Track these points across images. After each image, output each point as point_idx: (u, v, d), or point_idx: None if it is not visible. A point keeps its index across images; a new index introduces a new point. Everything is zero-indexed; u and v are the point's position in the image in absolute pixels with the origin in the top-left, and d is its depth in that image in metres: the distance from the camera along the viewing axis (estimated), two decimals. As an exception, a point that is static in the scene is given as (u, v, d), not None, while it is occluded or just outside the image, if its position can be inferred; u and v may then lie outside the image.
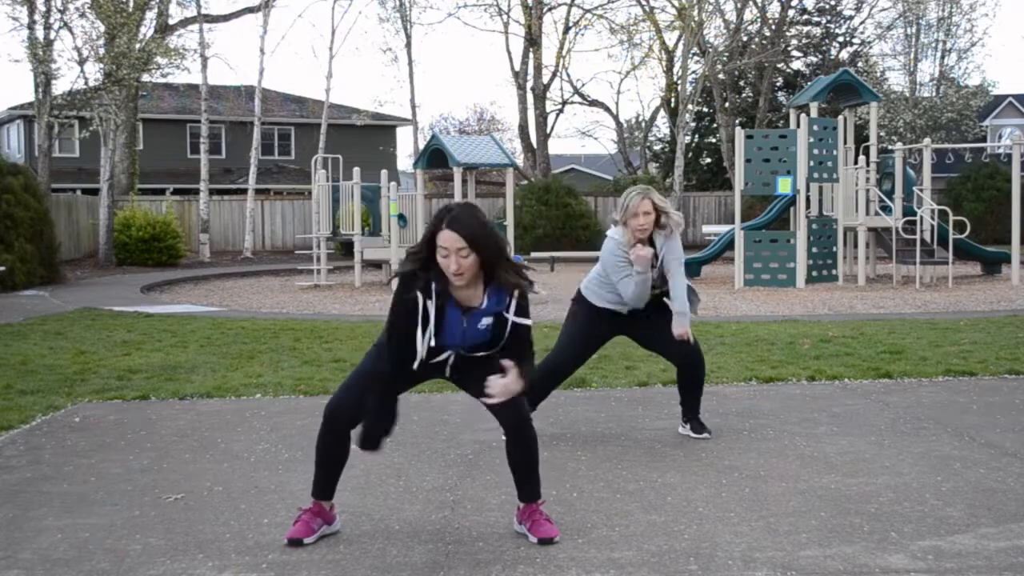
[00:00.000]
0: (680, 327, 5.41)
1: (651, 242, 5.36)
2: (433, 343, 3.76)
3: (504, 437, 3.95)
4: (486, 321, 3.76)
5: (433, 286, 3.67)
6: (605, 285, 5.47)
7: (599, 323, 5.55)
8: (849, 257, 18.14)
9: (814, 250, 16.68)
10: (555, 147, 47.45)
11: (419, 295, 3.67)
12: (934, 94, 37.60)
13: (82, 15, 21.78)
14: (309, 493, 3.99)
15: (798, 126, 16.57)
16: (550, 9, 33.81)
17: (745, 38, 34.71)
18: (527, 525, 3.88)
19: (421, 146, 31.88)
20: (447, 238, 3.55)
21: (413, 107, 33.43)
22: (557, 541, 3.81)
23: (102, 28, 21.66)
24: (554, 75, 34.87)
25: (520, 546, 3.80)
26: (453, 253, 3.56)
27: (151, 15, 25.20)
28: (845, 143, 17.86)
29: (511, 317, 3.75)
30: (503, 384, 3.70)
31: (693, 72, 33.33)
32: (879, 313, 12.30)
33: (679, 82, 32.73)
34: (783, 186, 16.51)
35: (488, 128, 50.48)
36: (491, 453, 5.14)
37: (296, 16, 72.09)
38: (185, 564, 3.66)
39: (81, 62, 21.90)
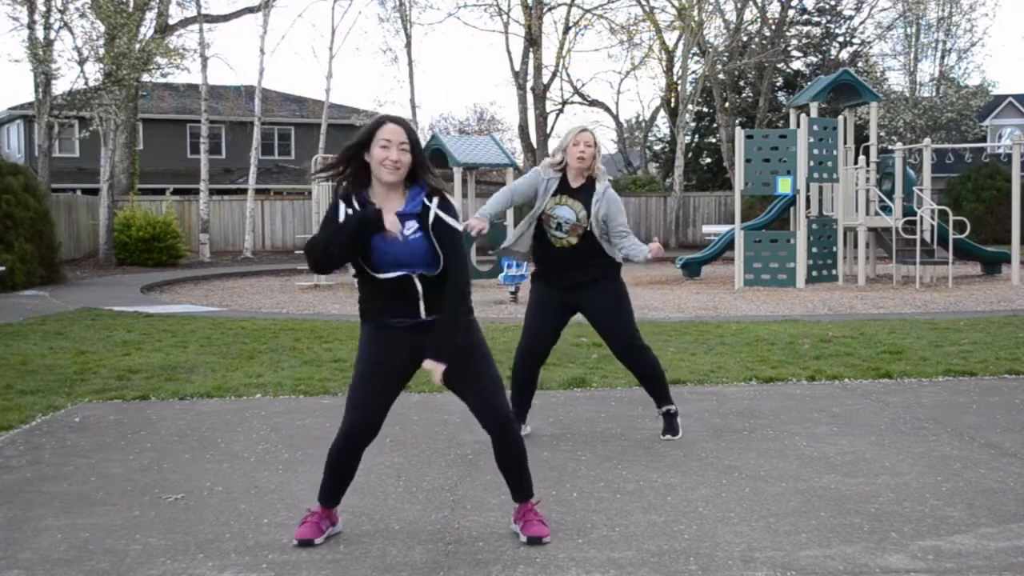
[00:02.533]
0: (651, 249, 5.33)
1: (591, 184, 5.32)
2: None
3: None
4: (411, 225, 3.72)
5: (354, 197, 3.76)
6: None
7: (546, 293, 5.47)
8: (849, 257, 18.14)
9: (814, 250, 16.68)
10: (554, 147, 47.39)
11: (340, 203, 3.76)
12: (934, 94, 37.59)
13: (82, 15, 21.80)
14: (308, 493, 3.99)
15: (798, 126, 16.57)
16: (550, 9, 33.82)
17: (745, 38, 34.71)
18: (520, 525, 3.89)
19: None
20: (392, 131, 3.70)
21: (413, 107, 33.44)
22: (547, 541, 3.81)
23: (102, 28, 21.67)
24: (554, 75, 34.89)
25: (520, 546, 3.80)
26: (395, 146, 3.68)
27: (151, 15, 25.21)
28: (845, 143, 17.86)
29: (435, 210, 3.74)
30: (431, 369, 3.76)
31: (693, 72, 33.33)
32: (879, 313, 12.30)
33: (679, 82, 32.74)
34: (783, 186, 16.51)
35: (488, 128, 50.45)
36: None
37: (296, 16, 72.06)
38: (185, 564, 3.66)
39: (81, 62, 21.92)
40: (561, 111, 37.48)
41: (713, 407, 6.36)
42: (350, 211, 3.73)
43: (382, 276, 3.73)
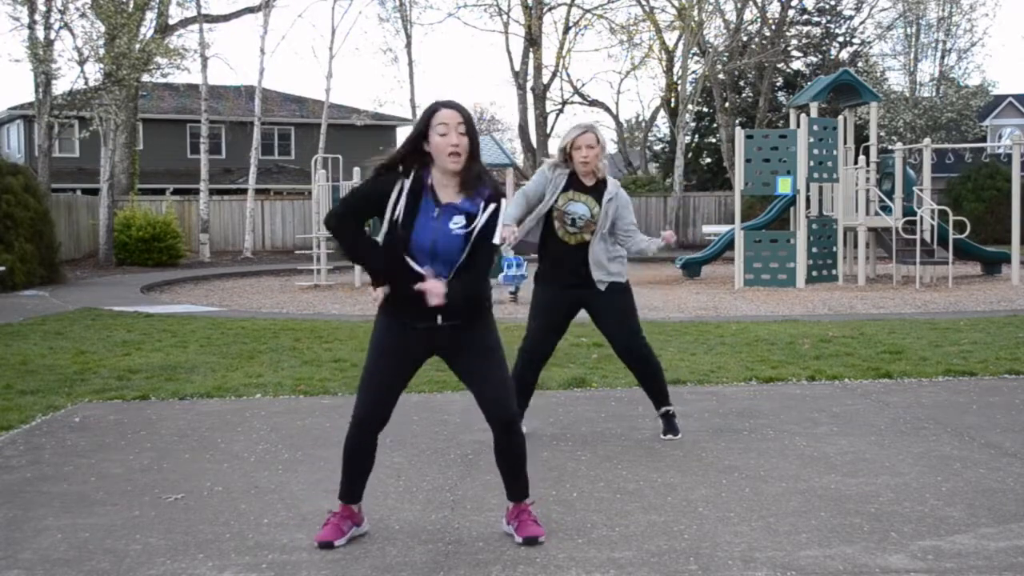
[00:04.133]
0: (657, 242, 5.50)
1: (601, 184, 5.37)
2: (402, 228, 3.70)
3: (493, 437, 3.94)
4: (459, 220, 3.70)
5: (413, 173, 3.71)
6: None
7: (552, 294, 5.48)
8: (849, 257, 18.14)
9: (814, 250, 16.68)
10: (555, 147, 47.44)
11: (399, 179, 3.71)
12: (934, 94, 37.59)
13: (82, 15, 21.80)
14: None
15: (798, 126, 16.57)
16: (550, 9, 33.83)
17: (745, 38, 34.71)
18: (514, 525, 3.88)
19: (421, 146, 31.85)
20: (448, 115, 3.65)
21: (413, 107, 33.45)
22: (542, 541, 3.80)
23: (102, 28, 21.67)
24: (554, 75, 34.90)
25: (520, 546, 3.79)
26: (453, 129, 3.63)
27: (151, 15, 25.21)
28: (845, 143, 17.86)
29: (484, 217, 3.69)
30: (427, 285, 3.66)
31: (693, 72, 33.33)
32: (879, 313, 12.30)
33: (679, 82, 32.74)
34: (783, 186, 16.52)
35: (488, 128, 50.49)
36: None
37: (296, 16, 72.07)
38: (185, 564, 3.66)
39: (81, 62, 21.92)
40: (561, 111, 37.50)
41: (713, 407, 6.36)
42: (407, 181, 3.70)
43: (410, 267, 3.69)
